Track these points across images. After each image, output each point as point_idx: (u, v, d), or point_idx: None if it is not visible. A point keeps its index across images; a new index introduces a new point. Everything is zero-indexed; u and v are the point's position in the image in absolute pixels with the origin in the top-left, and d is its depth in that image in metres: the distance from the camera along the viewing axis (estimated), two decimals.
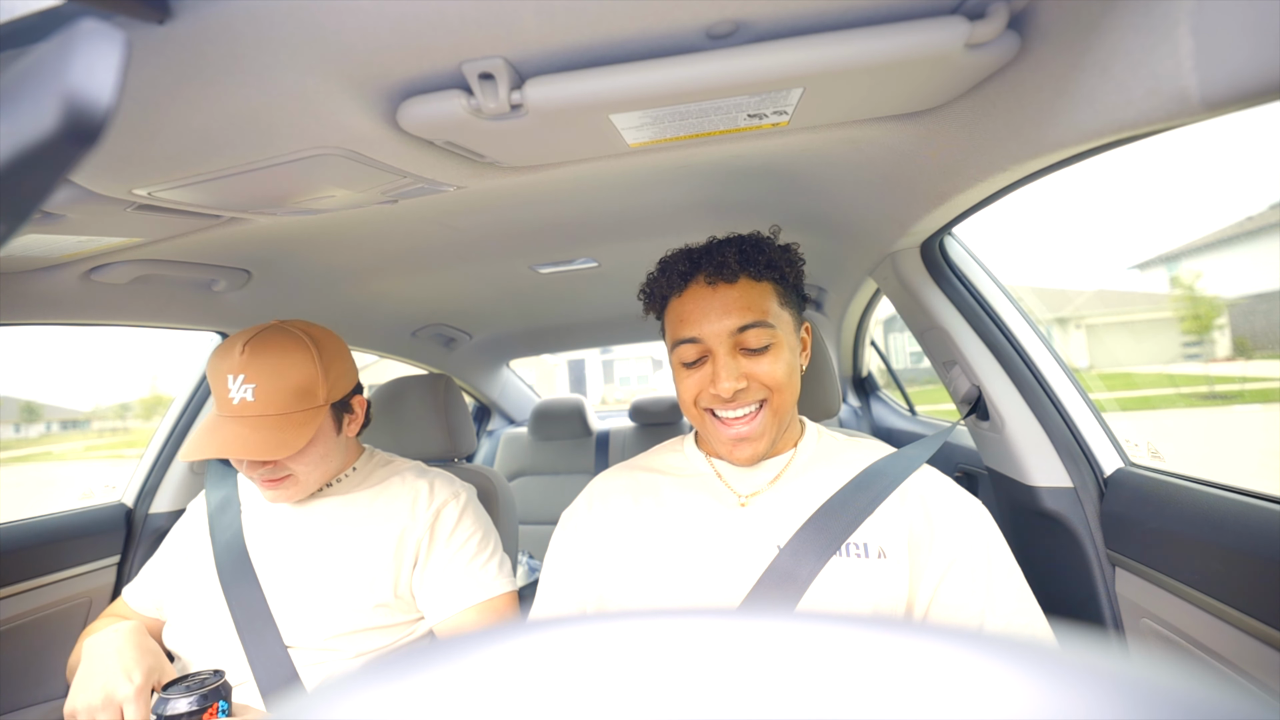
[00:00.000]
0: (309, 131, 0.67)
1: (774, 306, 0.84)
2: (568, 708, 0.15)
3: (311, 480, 1.04)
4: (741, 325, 0.81)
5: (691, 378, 0.85)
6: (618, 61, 0.61)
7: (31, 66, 0.28)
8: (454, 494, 1.12)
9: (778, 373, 0.82)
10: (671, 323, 0.88)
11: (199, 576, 1.06)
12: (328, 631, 0.98)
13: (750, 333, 0.81)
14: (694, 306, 0.84)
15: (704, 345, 0.83)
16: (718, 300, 0.83)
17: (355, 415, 1.12)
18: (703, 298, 0.84)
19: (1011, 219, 4.19)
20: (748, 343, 0.82)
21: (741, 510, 0.86)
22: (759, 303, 0.83)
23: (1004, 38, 0.59)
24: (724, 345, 0.82)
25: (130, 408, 51.93)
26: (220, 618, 1.00)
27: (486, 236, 1.28)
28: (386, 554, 1.03)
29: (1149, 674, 0.14)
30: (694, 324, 0.83)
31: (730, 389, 0.80)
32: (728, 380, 0.80)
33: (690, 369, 0.86)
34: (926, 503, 0.82)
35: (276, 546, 1.06)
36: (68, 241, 0.91)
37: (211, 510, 1.13)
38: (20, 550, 1.30)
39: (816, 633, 0.16)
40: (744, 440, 0.84)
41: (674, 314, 0.87)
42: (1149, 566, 0.93)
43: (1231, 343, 5.55)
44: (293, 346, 0.99)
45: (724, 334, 0.82)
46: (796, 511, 0.83)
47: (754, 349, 0.82)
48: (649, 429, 2.77)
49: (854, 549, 0.80)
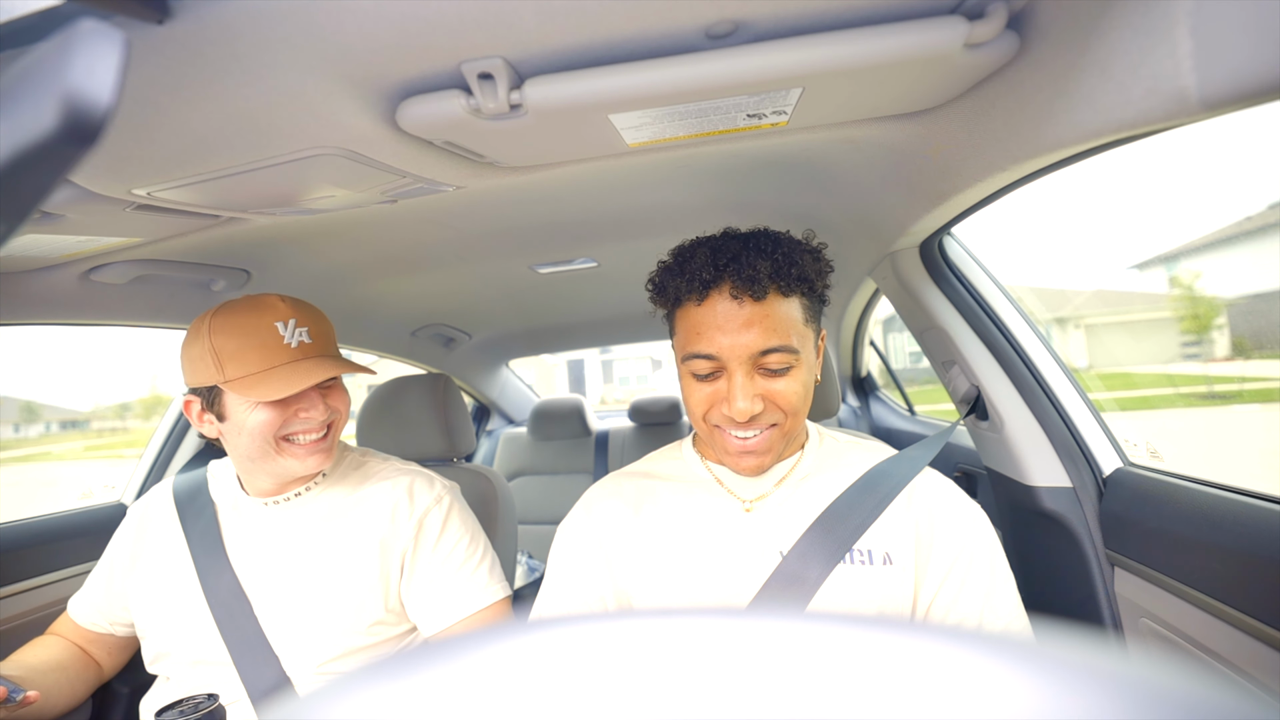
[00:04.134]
0: (308, 131, 0.67)
1: (799, 325, 0.78)
2: (574, 708, 0.15)
3: (340, 433, 1.05)
4: (765, 349, 0.76)
5: (703, 391, 0.80)
6: (617, 61, 0.61)
7: (31, 66, 0.28)
8: (436, 498, 1.07)
9: (795, 396, 0.78)
10: (685, 329, 0.81)
11: (180, 598, 1.01)
12: (325, 656, 0.96)
13: (773, 356, 0.76)
14: (714, 321, 0.77)
15: (719, 361, 0.78)
16: (742, 317, 0.76)
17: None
18: (726, 313, 0.76)
19: (1012, 219, 4.19)
20: (768, 364, 0.77)
21: (746, 516, 0.84)
22: (785, 323, 0.76)
23: (1003, 37, 0.59)
24: (743, 365, 0.76)
25: (130, 408, 51.88)
26: (210, 641, 0.97)
27: (486, 236, 1.28)
28: (372, 569, 0.99)
29: (1148, 674, 0.14)
30: (712, 340, 0.77)
31: (746, 412, 0.76)
32: (744, 401, 0.76)
33: (702, 381, 0.81)
34: (931, 507, 0.81)
35: (256, 566, 1.01)
36: (67, 241, 0.91)
37: (183, 514, 1.08)
38: (20, 549, 1.30)
39: (816, 633, 0.16)
40: (751, 454, 0.81)
41: (689, 322, 0.80)
42: (1148, 566, 0.94)
43: (1230, 342, 5.55)
44: (304, 304, 1.03)
45: (745, 354, 0.76)
46: (801, 516, 0.82)
47: (774, 370, 0.77)
48: (648, 429, 2.77)
49: (859, 555, 0.78)
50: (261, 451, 0.96)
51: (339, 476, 1.09)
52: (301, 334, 0.97)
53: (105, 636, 1.11)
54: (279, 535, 1.03)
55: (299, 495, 1.05)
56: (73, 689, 1.04)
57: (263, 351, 0.94)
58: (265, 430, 0.95)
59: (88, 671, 1.08)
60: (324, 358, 0.98)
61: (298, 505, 1.05)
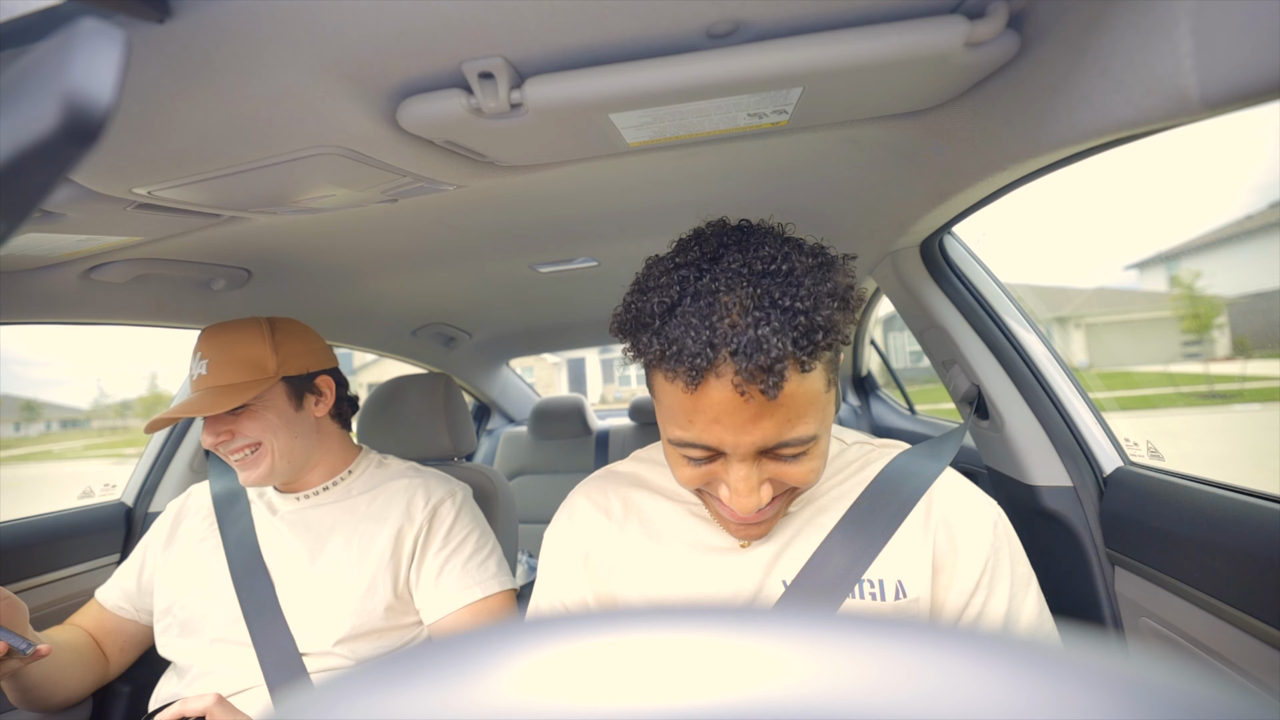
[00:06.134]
0: (309, 131, 0.67)
1: (821, 395, 0.59)
2: (580, 708, 0.15)
3: (282, 453, 1.06)
4: (779, 443, 0.59)
5: (693, 470, 0.64)
6: (617, 61, 0.60)
7: (31, 65, 0.28)
8: (450, 493, 1.13)
9: (813, 474, 0.63)
10: (668, 404, 0.61)
11: (207, 575, 1.06)
12: (336, 636, 0.99)
13: (789, 449, 0.60)
14: (710, 413, 0.57)
15: (716, 450, 0.61)
16: (749, 412, 0.56)
17: (324, 396, 1.14)
18: (727, 410, 0.56)
19: (1012, 218, 4.18)
20: (783, 453, 0.61)
21: (743, 551, 0.74)
22: (805, 406, 0.58)
23: (1003, 37, 0.59)
24: (748, 456, 0.60)
25: (130, 406, 51.88)
26: (231, 619, 1.01)
27: (486, 235, 1.28)
28: (385, 555, 1.04)
29: (1148, 673, 0.14)
30: (707, 431, 0.59)
31: (751, 507, 0.61)
32: (748, 497, 0.60)
33: (692, 461, 0.63)
34: (949, 520, 0.71)
35: (281, 552, 1.07)
36: (68, 240, 0.91)
37: (218, 506, 1.14)
38: (21, 548, 1.30)
39: (816, 632, 0.16)
40: (754, 526, 0.67)
41: (674, 402, 0.60)
42: (1148, 566, 0.94)
43: (1231, 342, 5.56)
44: (247, 326, 1.08)
45: (750, 449, 0.59)
46: (806, 543, 0.72)
47: (789, 456, 0.61)
48: (649, 428, 2.77)
49: (869, 587, 0.68)
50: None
51: (361, 474, 1.17)
52: (201, 366, 1.05)
53: (123, 627, 1.15)
54: (302, 525, 1.10)
55: (326, 490, 1.14)
56: (82, 675, 1.08)
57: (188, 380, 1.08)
58: (210, 445, 1.05)
59: (96, 664, 1.11)
60: (212, 388, 1.03)
61: (321, 500, 1.13)
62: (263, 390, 1.04)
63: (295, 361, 1.10)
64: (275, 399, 1.07)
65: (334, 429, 1.17)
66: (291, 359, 1.09)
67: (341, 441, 1.18)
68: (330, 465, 1.15)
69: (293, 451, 1.08)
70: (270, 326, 1.09)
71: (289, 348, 1.10)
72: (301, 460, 1.10)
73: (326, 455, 1.15)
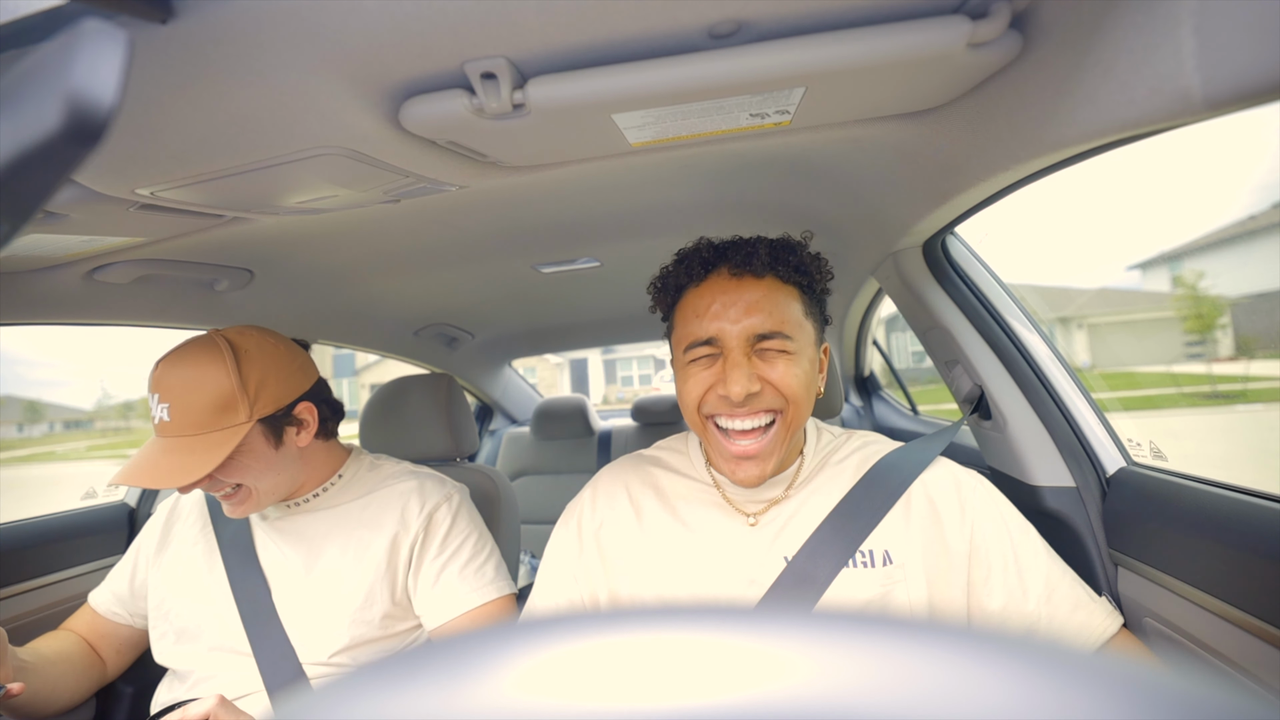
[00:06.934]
0: (311, 131, 0.67)
1: (798, 315, 0.78)
2: (580, 708, 0.15)
3: (268, 490, 1.00)
4: (762, 333, 0.76)
5: (697, 375, 0.79)
6: (620, 61, 0.60)
7: (34, 66, 0.28)
8: (446, 496, 1.10)
9: (794, 382, 0.76)
10: (684, 317, 0.81)
11: (202, 580, 1.05)
12: (335, 648, 0.98)
13: (771, 342, 0.76)
14: (713, 299, 0.77)
15: (717, 346, 0.77)
16: (742, 296, 0.76)
17: (306, 424, 1.04)
18: (725, 290, 0.77)
19: (1015, 218, 4.17)
20: (766, 348, 0.76)
21: (750, 530, 0.83)
22: (783, 309, 0.77)
23: (1006, 37, 0.59)
24: (740, 347, 0.76)
25: (133, 407, 51.93)
26: (230, 626, 1.00)
27: (489, 236, 1.28)
28: (382, 564, 1.02)
29: (1151, 674, 0.14)
30: (711, 319, 0.77)
31: (742, 391, 0.74)
32: (739, 382, 0.74)
33: (696, 364, 0.79)
34: (934, 502, 0.81)
35: (276, 560, 1.05)
36: (70, 241, 0.91)
37: (211, 507, 1.12)
38: (24, 549, 1.31)
39: (816, 632, 0.16)
40: (749, 459, 0.78)
41: (689, 307, 0.80)
42: (1151, 566, 0.93)
43: (1234, 342, 5.55)
44: (207, 360, 0.93)
45: (742, 336, 0.76)
46: (805, 523, 0.81)
47: (772, 354, 0.77)
48: (651, 429, 2.77)
49: (862, 558, 0.77)
50: None
51: (352, 478, 1.13)
52: (163, 410, 0.91)
53: (118, 630, 1.13)
54: (295, 533, 1.07)
55: (316, 496, 1.10)
56: (76, 683, 1.06)
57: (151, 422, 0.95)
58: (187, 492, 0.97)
59: (92, 669, 1.10)
60: (179, 438, 0.91)
61: (315, 505, 1.09)
62: (237, 440, 0.92)
63: (268, 396, 0.97)
64: (252, 443, 0.95)
65: (318, 445, 1.09)
66: (264, 394, 0.96)
67: (327, 452, 1.11)
68: (318, 476, 1.09)
69: (279, 486, 1.02)
70: (233, 353, 0.95)
71: (258, 379, 0.96)
72: (289, 488, 1.04)
73: (314, 472, 1.09)
